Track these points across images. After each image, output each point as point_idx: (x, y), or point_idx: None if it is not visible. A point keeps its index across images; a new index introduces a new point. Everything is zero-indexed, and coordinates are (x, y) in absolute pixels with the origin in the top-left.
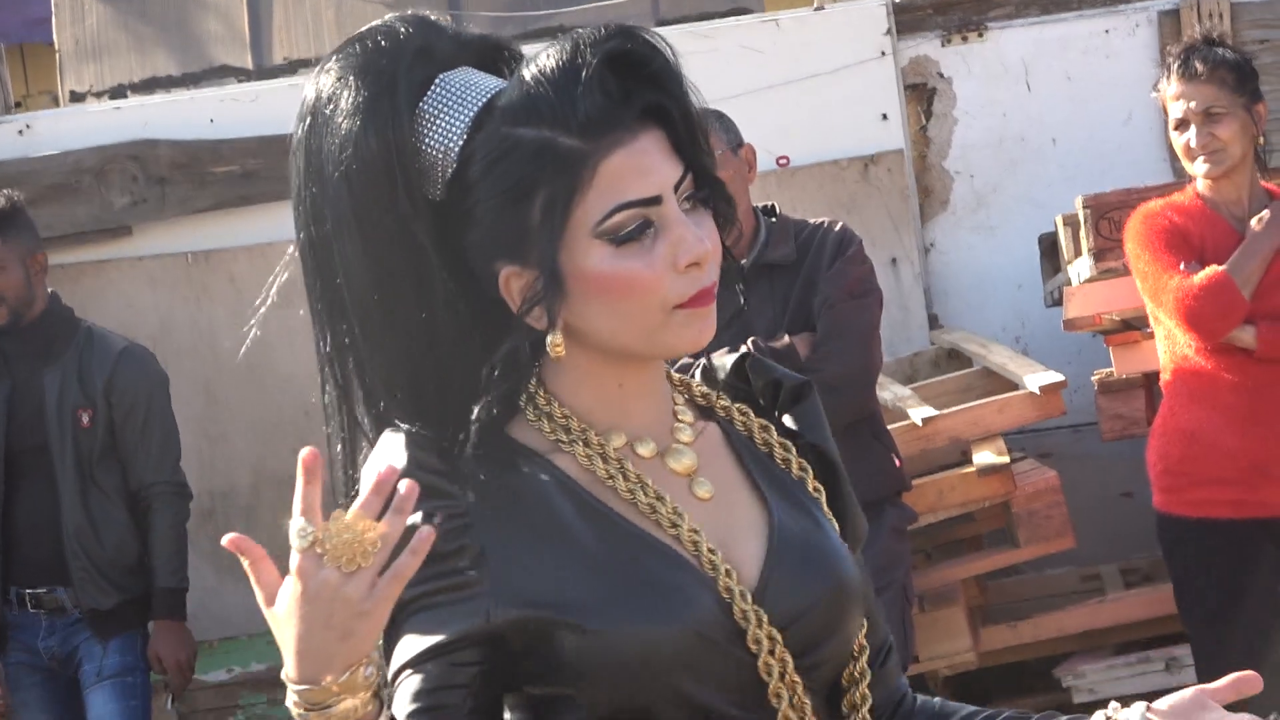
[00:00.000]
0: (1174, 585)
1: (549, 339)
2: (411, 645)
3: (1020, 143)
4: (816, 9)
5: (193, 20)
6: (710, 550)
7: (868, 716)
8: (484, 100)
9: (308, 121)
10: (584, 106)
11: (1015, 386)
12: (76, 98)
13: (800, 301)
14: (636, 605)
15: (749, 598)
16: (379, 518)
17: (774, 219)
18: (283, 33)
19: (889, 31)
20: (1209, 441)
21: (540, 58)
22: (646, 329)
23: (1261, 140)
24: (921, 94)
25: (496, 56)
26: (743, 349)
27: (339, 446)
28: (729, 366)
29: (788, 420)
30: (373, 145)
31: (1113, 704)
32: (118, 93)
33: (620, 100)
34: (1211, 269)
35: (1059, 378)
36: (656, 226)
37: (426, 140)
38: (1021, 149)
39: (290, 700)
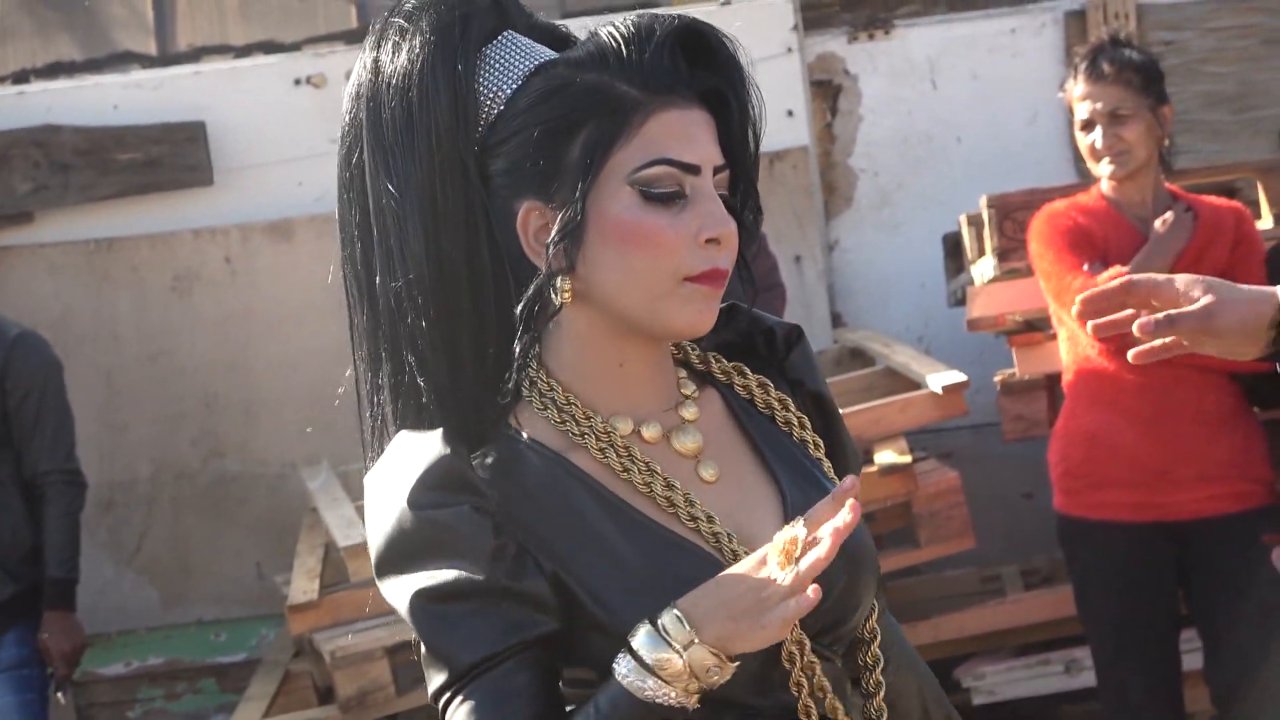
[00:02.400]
0: (1074, 587)
1: (559, 283)
2: (476, 641)
3: (925, 141)
4: (722, 4)
5: (97, 5)
6: (729, 539)
7: (880, 679)
8: (546, 58)
9: (374, 49)
10: (650, 62)
11: (917, 386)
12: None
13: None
14: (662, 602)
15: None
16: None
17: None
18: (187, 19)
19: (795, 28)
20: (1110, 444)
21: (614, 21)
22: (652, 293)
23: (1167, 142)
24: (827, 91)
25: (564, 46)
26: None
27: (366, 389)
28: (720, 318)
29: (788, 368)
30: (440, 74)
31: None
32: (20, 77)
33: (685, 74)
34: (1114, 270)
35: (961, 378)
36: (688, 198)
37: (482, 81)
38: (926, 147)
39: (685, 661)
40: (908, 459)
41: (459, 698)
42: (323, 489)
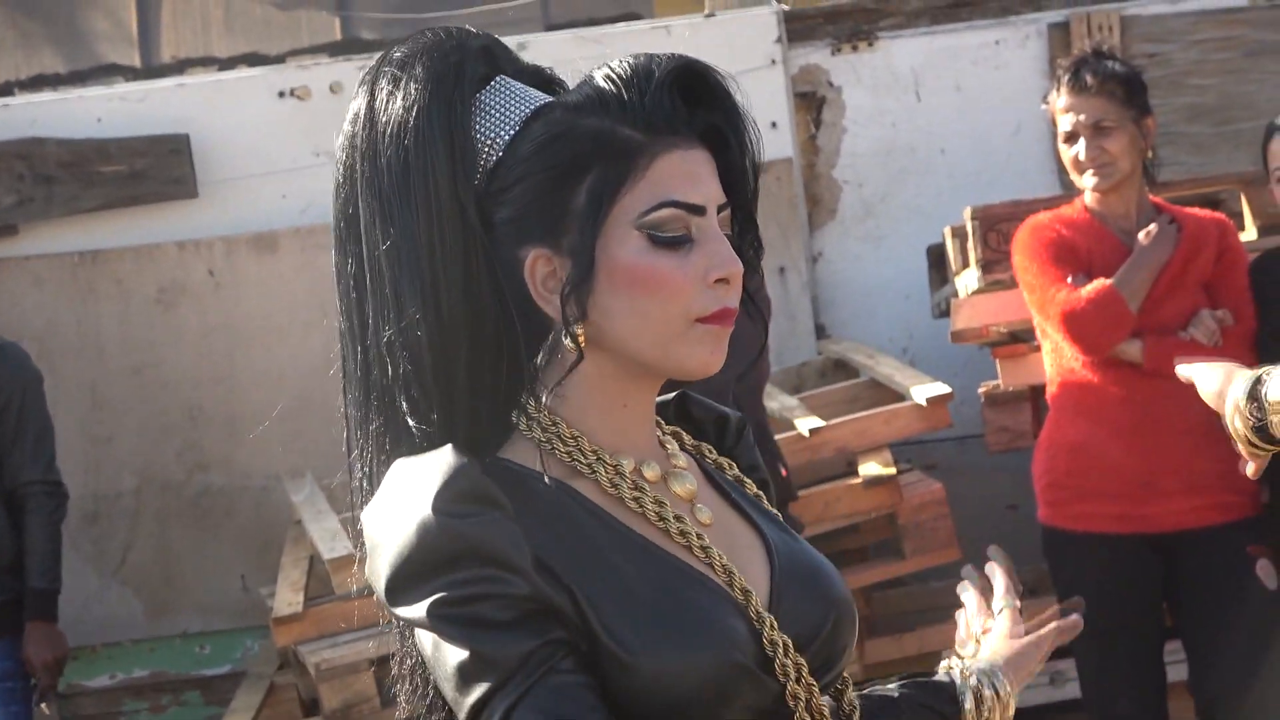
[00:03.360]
0: (1058, 599)
1: (571, 330)
2: (512, 643)
3: (909, 153)
4: (707, 16)
5: (81, 18)
6: (737, 575)
7: None
8: (541, 102)
9: (367, 96)
10: (651, 104)
11: (902, 398)
12: None
13: None
14: (679, 634)
15: (776, 625)
16: None
17: None
18: (171, 32)
19: (779, 39)
20: (1094, 455)
21: (612, 64)
22: (665, 335)
23: (1150, 154)
24: (811, 103)
25: (551, 88)
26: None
27: (356, 438)
28: (671, 407)
29: (737, 455)
30: (435, 122)
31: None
32: (5, 90)
33: (684, 113)
34: (1099, 282)
35: (945, 389)
36: (694, 240)
37: (478, 127)
38: (910, 159)
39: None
40: (892, 470)
41: (515, 697)
42: (307, 501)
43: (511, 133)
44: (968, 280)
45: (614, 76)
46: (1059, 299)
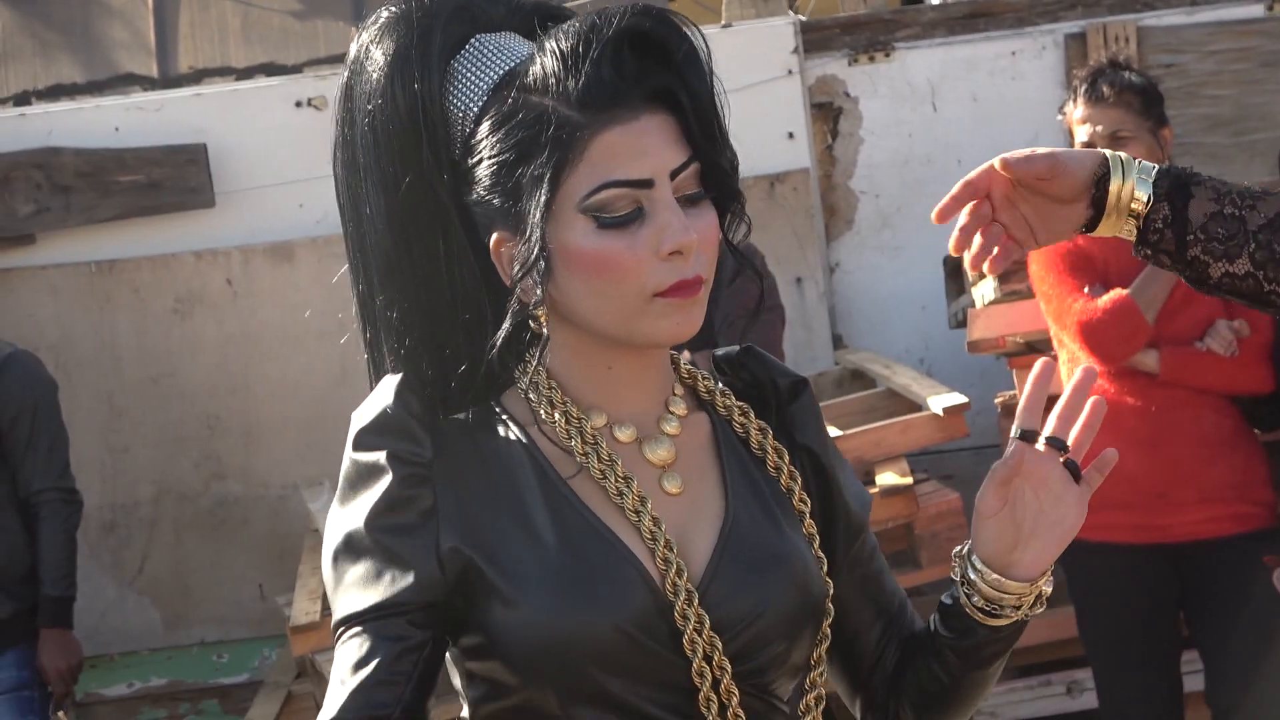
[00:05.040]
0: (1075, 609)
1: (530, 314)
2: (360, 595)
3: (926, 163)
4: (724, 26)
5: (98, 27)
6: (667, 545)
7: None
8: (510, 65)
9: (349, 69)
10: (587, 80)
11: (918, 408)
12: None
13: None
14: (565, 592)
15: (695, 599)
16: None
17: None
18: (188, 41)
19: (796, 50)
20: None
21: (560, 30)
22: (625, 313)
23: (1168, 164)
24: (828, 113)
25: (550, 24)
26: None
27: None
28: (732, 360)
29: (786, 420)
30: (399, 97)
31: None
32: (22, 99)
33: (632, 79)
34: (1115, 292)
35: (962, 399)
36: (646, 212)
37: (451, 97)
38: (927, 169)
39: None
40: (909, 480)
41: (344, 636)
42: (324, 510)
43: (480, 104)
44: (984, 290)
45: (557, 51)
46: (1076, 309)
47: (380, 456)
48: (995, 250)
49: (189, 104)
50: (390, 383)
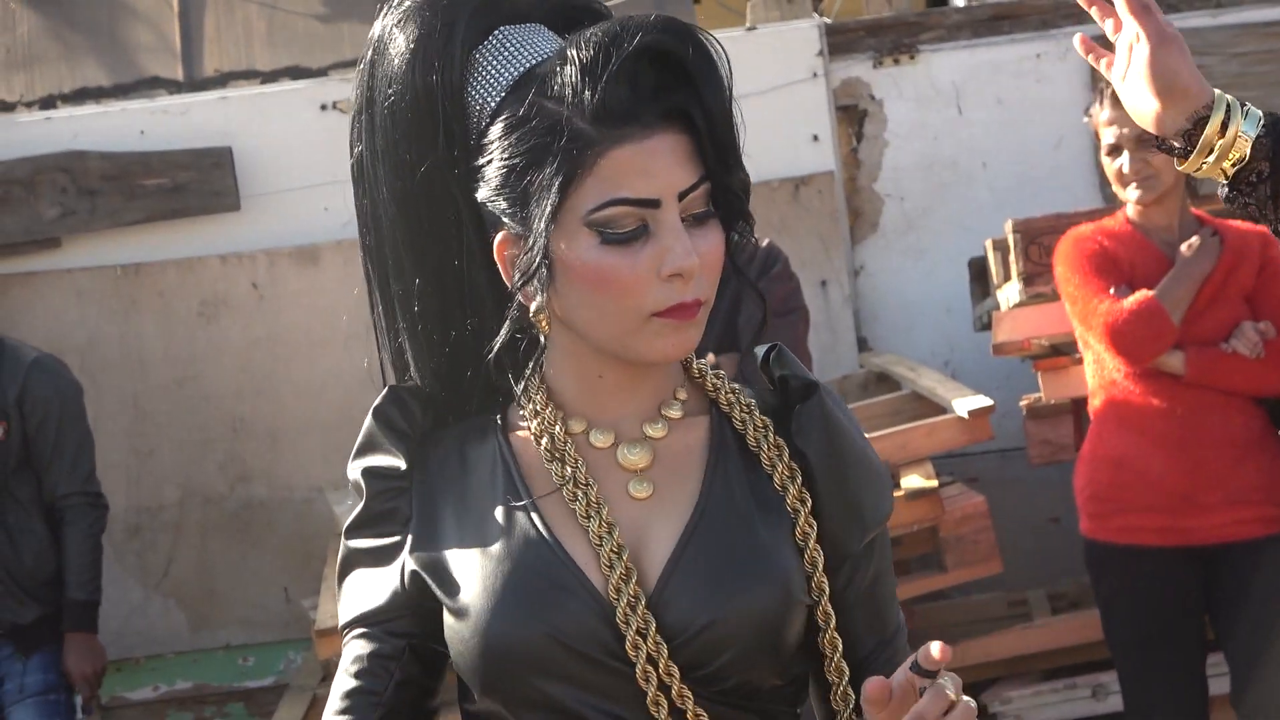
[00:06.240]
0: (1100, 612)
1: (534, 312)
2: (349, 605)
3: (951, 166)
4: (749, 29)
5: (124, 30)
6: (615, 550)
7: None
8: (532, 62)
9: (371, 48)
10: (603, 95)
11: (943, 411)
12: (6, 107)
13: (726, 320)
14: (500, 602)
15: (641, 602)
16: None
17: None
18: (214, 44)
19: (821, 53)
20: (1137, 468)
21: (582, 38)
22: (621, 330)
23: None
24: (853, 116)
25: (580, 17)
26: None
27: (387, 366)
28: (758, 359)
29: (791, 420)
30: (419, 84)
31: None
32: (48, 103)
33: (648, 97)
34: (1141, 293)
35: (987, 402)
36: (650, 231)
37: (470, 89)
38: (952, 172)
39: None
40: (934, 483)
41: (346, 640)
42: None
43: (498, 99)
44: (1009, 293)
45: (576, 61)
46: (1101, 310)
47: (358, 474)
48: None
49: (214, 107)
50: (381, 396)
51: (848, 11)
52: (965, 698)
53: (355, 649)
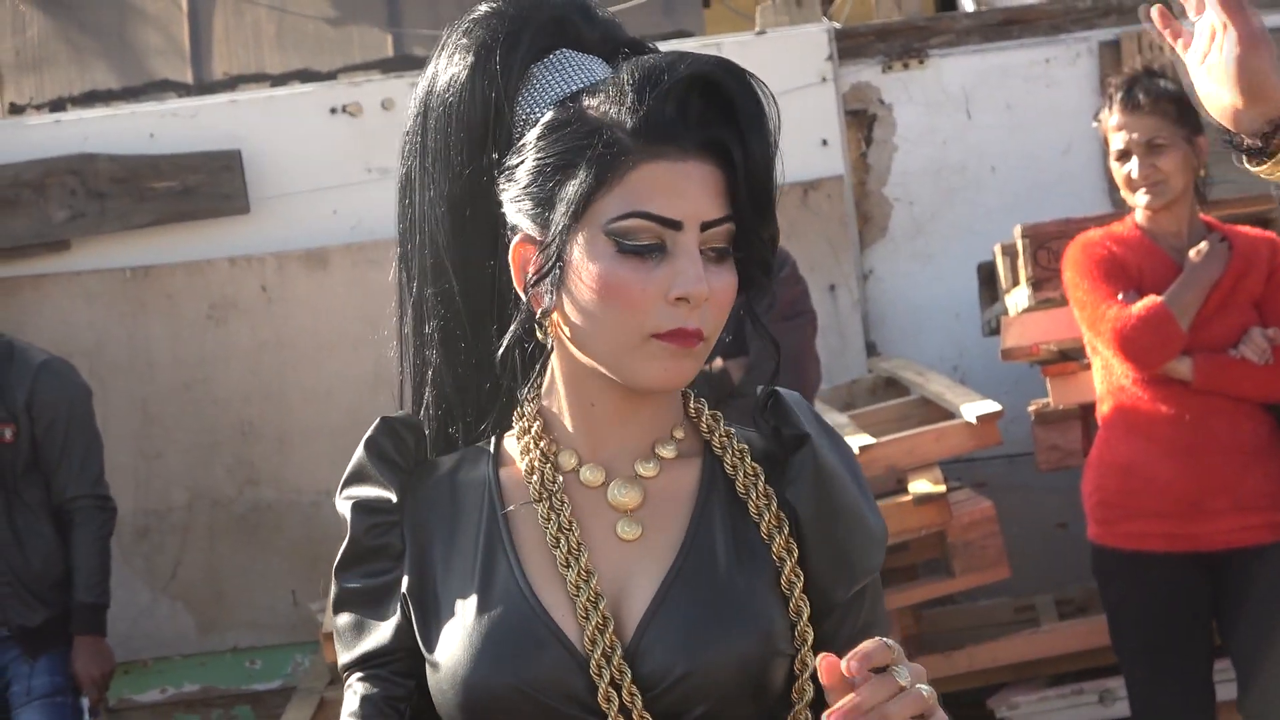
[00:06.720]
0: (1108, 617)
1: (537, 321)
2: (350, 646)
3: (960, 171)
4: (758, 33)
5: (133, 33)
6: (591, 600)
7: None
8: (584, 84)
9: (439, 51)
10: (648, 111)
11: (952, 415)
12: (16, 110)
13: (734, 324)
14: (470, 651)
15: (617, 652)
16: None
17: None
18: (223, 47)
19: (830, 57)
20: (1144, 474)
21: (639, 59)
22: (618, 345)
23: (1203, 172)
24: (862, 120)
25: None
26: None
27: (406, 381)
28: (760, 406)
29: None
30: (477, 93)
31: None
32: (57, 105)
33: (692, 123)
34: (1149, 299)
35: (996, 407)
36: (668, 253)
37: (521, 98)
38: (961, 177)
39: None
40: (942, 488)
41: (349, 681)
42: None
43: (545, 110)
44: (1018, 298)
45: (630, 74)
46: (1110, 315)
47: (347, 509)
48: None
49: (224, 110)
50: (371, 429)
51: (857, 16)
52: (922, 686)
53: (361, 690)
